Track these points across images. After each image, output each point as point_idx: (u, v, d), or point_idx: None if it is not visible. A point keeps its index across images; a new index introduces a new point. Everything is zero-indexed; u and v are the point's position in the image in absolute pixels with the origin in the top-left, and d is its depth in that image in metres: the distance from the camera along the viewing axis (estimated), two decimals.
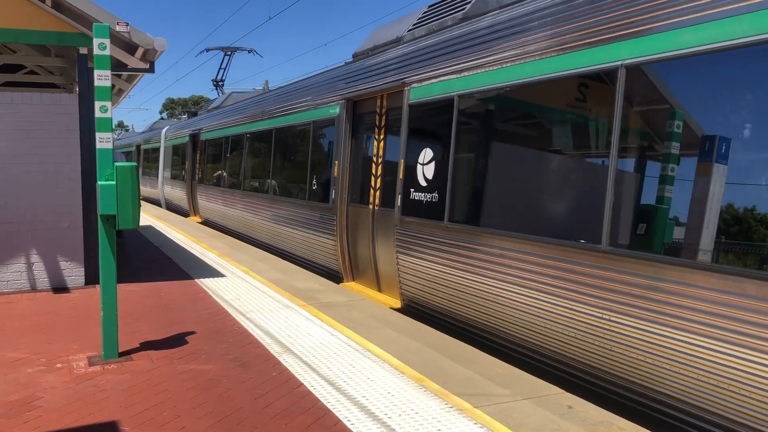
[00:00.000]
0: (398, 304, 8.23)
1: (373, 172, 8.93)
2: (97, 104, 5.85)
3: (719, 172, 4.44)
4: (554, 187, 5.80)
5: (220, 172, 16.59)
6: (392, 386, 5.15)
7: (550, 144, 5.93)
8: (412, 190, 7.78)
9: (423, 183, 7.57)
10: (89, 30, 8.46)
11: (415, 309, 7.87)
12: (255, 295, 8.50)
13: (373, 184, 8.92)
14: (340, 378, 5.36)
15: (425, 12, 9.04)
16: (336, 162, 9.74)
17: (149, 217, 19.78)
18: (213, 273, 10.16)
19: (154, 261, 11.38)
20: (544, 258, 5.74)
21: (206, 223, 18.84)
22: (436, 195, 7.33)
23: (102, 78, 5.86)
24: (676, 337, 4.56)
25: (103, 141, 5.84)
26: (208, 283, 9.32)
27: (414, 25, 9.03)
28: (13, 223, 8.68)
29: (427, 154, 7.55)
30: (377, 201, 8.81)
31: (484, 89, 6.65)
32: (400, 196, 8.00)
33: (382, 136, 8.80)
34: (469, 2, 7.97)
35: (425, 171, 7.56)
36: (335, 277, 10.07)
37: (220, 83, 28.64)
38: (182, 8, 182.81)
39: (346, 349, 6.13)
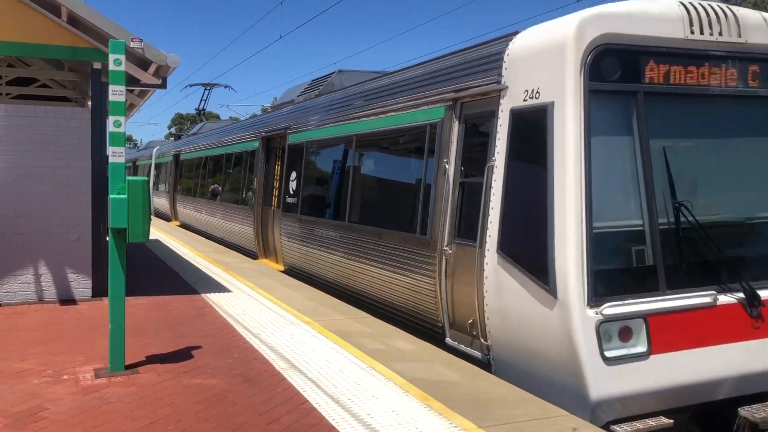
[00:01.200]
0: (282, 268, 12.65)
1: (275, 185, 13.39)
2: (111, 119, 5.94)
3: (362, 183, 9.47)
4: (335, 194, 10.27)
5: (215, 185, 19.40)
6: (397, 405, 5.16)
7: (341, 173, 10.16)
8: (287, 196, 12.35)
9: (291, 192, 12.16)
10: (103, 45, 8.58)
11: (291, 270, 12.22)
12: (259, 310, 8.52)
13: (275, 193, 13.35)
14: (345, 396, 5.37)
15: (308, 84, 13.91)
16: (255, 179, 14.23)
17: None
18: (218, 288, 10.20)
19: (160, 274, 11.43)
20: (331, 230, 10.18)
21: (183, 225, 22.69)
22: (296, 199, 11.88)
23: (116, 93, 5.95)
24: (372, 264, 8.75)
25: (116, 155, 5.92)
26: (213, 298, 9.35)
27: (301, 92, 13.86)
28: (23, 235, 8.75)
29: (293, 174, 12.19)
30: (276, 204, 13.11)
31: (315, 139, 11.35)
32: (282, 200, 12.57)
33: (279, 162, 13.22)
34: (323, 84, 12.84)
35: (292, 184, 12.16)
36: (255, 257, 14.33)
37: (202, 112, 35.35)
38: (194, 23, 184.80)
39: (352, 367, 6.14)
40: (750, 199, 6.34)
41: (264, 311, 8.51)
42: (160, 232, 19.59)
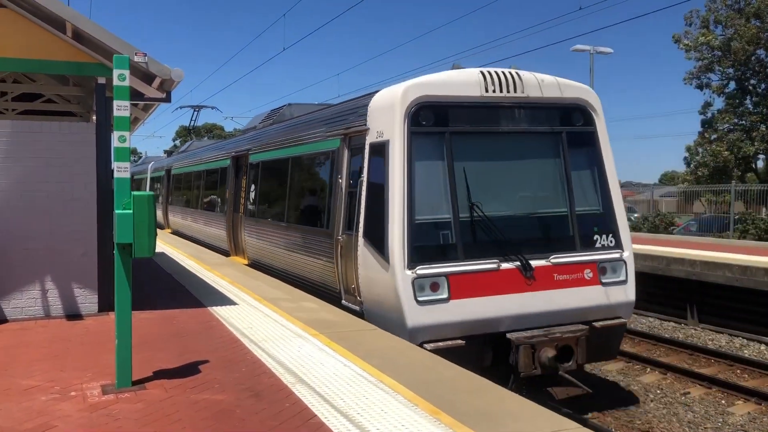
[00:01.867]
0: (246, 262, 15.18)
1: (242, 195, 15.92)
2: (116, 134, 5.94)
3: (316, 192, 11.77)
4: (279, 202, 13.17)
5: (199, 196, 21.90)
6: (406, 419, 5.12)
7: (282, 185, 12.97)
8: (248, 203, 15.12)
9: (251, 200, 14.91)
10: (108, 60, 8.61)
11: (253, 263, 14.70)
12: (265, 323, 8.48)
13: (242, 201, 15.81)
14: (353, 410, 5.33)
15: (267, 113, 16.95)
16: (228, 190, 16.99)
17: None
18: (223, 300, 10.17)
19: (164, 285, 11.41)
20: (276, 229, 12.90)
21: (174, 232, 25.37)
22: (254, 206, 14.65)
23: (121, 108, 5.95)
24: (299, 253, 11.53)
25: (121, 170, 5.92)
26: (219, 311, 9.32)
27: (261, 120, 16.88)
28: (29, 250, 8.74)
29: (253, 186, 14.89)
30: (242, 210, 15.70)
31: (266, 159, 14.22)
32: (245, 207, 15.29)
33: (245, 177, 15.82)
34: (277, 114, 15.72)
35: (252, 195, 14.91)
36: (227, 255, 16.89)
37: (192, 131, 40.52)
38: (201, 38, 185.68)
39: (359, 380, 6.10)
40: (527, 201, 9.23)
41: (271, 324, 8.48)
42: (157, 240, 20.61)
